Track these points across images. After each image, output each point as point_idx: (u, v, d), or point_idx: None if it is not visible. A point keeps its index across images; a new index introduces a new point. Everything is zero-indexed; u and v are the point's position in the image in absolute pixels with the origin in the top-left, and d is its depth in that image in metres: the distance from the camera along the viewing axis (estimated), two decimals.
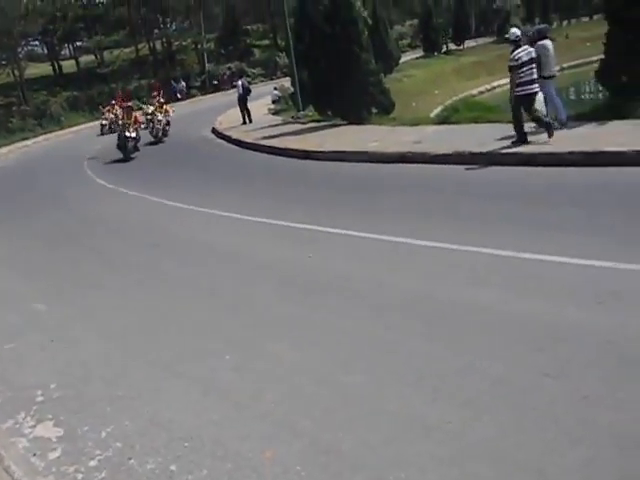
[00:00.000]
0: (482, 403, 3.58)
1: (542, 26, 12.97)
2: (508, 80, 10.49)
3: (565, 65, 29.42)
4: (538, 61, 10.61)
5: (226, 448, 3.62)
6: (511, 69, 10.22)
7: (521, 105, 10.22)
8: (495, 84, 31.53)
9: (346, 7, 15.98)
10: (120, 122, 18.77)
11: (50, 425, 4.28)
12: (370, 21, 27.18)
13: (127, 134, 18.36)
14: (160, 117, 21.70)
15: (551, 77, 11.06)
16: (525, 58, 10.11)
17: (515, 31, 10.48)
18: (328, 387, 4.10)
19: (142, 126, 20.13)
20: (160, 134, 21.48)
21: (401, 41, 47.73)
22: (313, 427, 3.68)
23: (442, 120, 14.71)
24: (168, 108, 22.89)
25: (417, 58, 41.25)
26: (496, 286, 5.19)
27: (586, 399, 3.43)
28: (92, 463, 3.73)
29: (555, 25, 44.21)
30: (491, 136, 10.93)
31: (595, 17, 42.68)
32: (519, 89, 10.17)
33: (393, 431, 3.49)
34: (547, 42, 10.88)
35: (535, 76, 10.21)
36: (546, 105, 11.24)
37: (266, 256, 7.25)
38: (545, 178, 8.56)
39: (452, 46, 44.22)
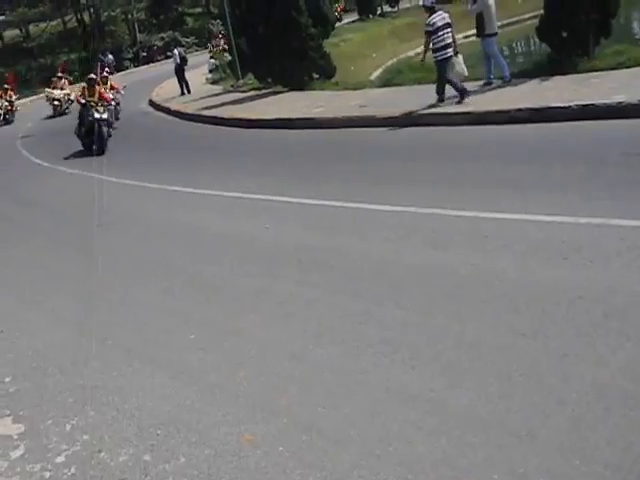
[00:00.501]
0: (462, 368, 3.51)
1: None
2: None
3: (499, 24, 29.51)
4: (481, 19, 10.62)
5: (202, 433, 3.45)
6: (427, 34, 10.30)
7: (445, 67, 10.30)
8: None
9: None
10: (82, 101, 14.17)
11: (9, 421, 4.01)
12: None
13: (97, 115, 13.63)
14: (110, 96, 16.09)
15: (493, 35, 11.03)
16: (440, 23, 10.26)
17: None
18: (301, 362, 3.96)
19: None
20: (112, 118, 15.66)
21: (335, 4, 47.17)
22: (290, 405, 3.54)
23: (386, 82, 14.59)
24: (116, 84, 18.55)
25: (352, 22, 40.86)
26: (460, 247, 5.13)
27: (566, 357, 3.39)
28: (59, 459, 3.50)
29: None
30: (436, 97, 10.85)
31: None
32: (438, 54, 10.39)
33: (374, 403, 3.38)
34: None
35: (450, 40, 10.27)
36: (489, 63, 11.26)
37: (221, 229, 7.05)
38: (497, 136, 8.56)
39: (387, 8, 43.94)
